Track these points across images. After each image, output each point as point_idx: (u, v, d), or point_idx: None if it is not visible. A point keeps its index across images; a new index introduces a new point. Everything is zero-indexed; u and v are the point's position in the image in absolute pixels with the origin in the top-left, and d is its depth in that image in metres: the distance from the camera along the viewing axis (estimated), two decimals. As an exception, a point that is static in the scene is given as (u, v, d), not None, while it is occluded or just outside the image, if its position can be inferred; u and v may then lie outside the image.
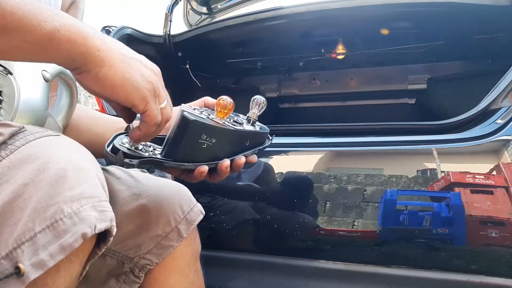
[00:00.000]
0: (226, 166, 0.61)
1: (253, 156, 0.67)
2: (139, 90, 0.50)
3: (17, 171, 0.43)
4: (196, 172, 0.60)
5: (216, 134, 0.60)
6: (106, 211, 0.45)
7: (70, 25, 0.46)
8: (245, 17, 1.63)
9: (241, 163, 0.63)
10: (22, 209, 0.41)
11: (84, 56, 0.47)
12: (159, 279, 0.74)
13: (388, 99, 2.23)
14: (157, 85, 0.52)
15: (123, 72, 0.49)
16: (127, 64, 0.49)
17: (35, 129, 0.48)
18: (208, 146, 0.60)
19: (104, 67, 0.48)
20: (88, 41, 0.47)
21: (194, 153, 0.59)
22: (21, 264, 0.39)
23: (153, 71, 0.53)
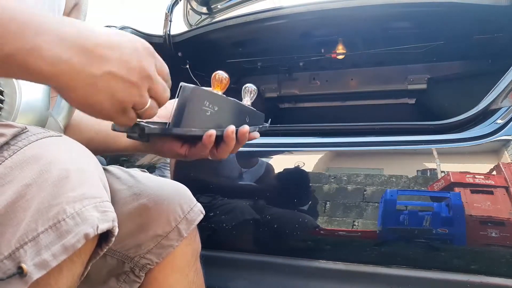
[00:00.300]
0: (232, 131, 0.61)
1: (255, 133, 0.68)
2: (103, 112, 0.48)
3: (20, 172, 0.43)
4: (204, 137, 0.59)
5: (218, 101, 0.62)
6: (108, 211, 0.45)
7: (26, 53, 0.41)
8: (245, 17, 1.63)
9: (245, 131, 0.64)
10: (25, 210, 0.41)
11: (43, 81, 0.45)
12: (159, 278, 0.74)
13: (388, 99, 2.23)
14: (130, 100, 0.48)
15: (85, 97, 0.46)
16: (92, 87, 0.46)
17: (37, 129, 0.48)
18: (212, 114, 0.61)
19: (64, 91, 0.45)
20: (44, 68, 0.43)
21: (200, 120, 0.60)
22: (24, 264, 0.40)
23: (131, 82, 0.48)
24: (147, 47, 0.50)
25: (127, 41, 0.48)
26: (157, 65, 0.51)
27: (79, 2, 0.84)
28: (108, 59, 0.46)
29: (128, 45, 0.48)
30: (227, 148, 0.64)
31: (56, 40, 0.43)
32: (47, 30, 0.43)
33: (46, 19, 0.44)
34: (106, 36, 0.46)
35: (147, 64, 0.49)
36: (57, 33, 0.43)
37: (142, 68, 0.48)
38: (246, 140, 0.65)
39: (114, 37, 0.47)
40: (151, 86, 0.50)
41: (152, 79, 0.50)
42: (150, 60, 0.50)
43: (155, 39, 1.71)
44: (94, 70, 0.45)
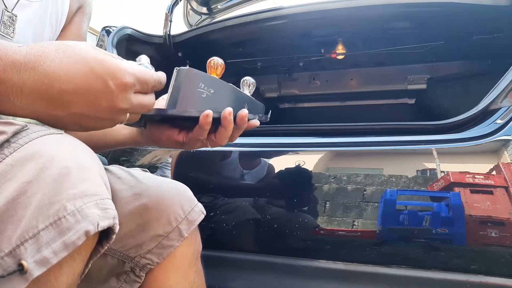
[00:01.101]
0: (229, 113, 0.60)
1: (255, 121, 0.66)
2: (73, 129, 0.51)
3: (21, 169, 0.43)
4: (201, 118, 0.58)
5: (213, 84, 0.60)
6: (109, 208, 0.45)
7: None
8: (245, 17, 1.63)
9: (244, 115, 0.62)
10: (26, 207, 0.41)
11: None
12: (160, 278, 0.74)
13: (388, 99, 2.23)
14: (102, 126, 0.50)
15: (54, 126, 0.49)
16: (58, 122, 0.48)
17: (38, 127, 0.48)
18: (208, 97, 0.59)
19: None
20: (7, 112, 0.45)
21: (195, 102, 0.58)
22: (24, 261, 0.39)
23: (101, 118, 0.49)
24: (120, 83, 0.47)
25: (97, 82, 0.46)
26: (137, 88, 0.50)
27: (83, 5, 0.85)
28: (73, 103, 0.46)
29: (98, 87, 0.46)
30: (226, 133, 0.62)
31: (14, 91, 0.44)
32: (5, 79, 0.44)
33: (6, 65, 0.44)
34: (74, 81, 0.45)
35: (120, 101, 0.48)
36: (16, 82, 0.44)
37: (114, 106, 0.48)
38: (245, 125, 0.64)
39: (82, 81, 0.46)
40: (128, 111, 0.51)
41: (128, 108, 0.50)
42: (124, 95, 0.48)
43: (155, 39, 1.72)
44: (58, 113, 0.47)
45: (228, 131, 0.62)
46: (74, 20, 0.83)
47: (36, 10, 0.71)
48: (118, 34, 1.55)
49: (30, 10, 0.70)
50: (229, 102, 0.63)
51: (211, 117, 0.58)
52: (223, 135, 0.63)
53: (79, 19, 0.84)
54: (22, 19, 0.68)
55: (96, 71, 0.46)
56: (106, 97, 0.47)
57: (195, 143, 0.66)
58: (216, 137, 0.64)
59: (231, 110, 0.60)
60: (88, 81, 0.46)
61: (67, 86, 0.45)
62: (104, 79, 0.47)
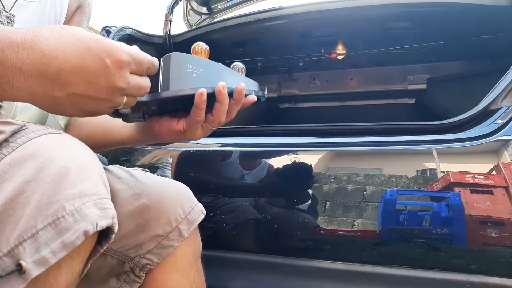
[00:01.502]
0: (223, 86, 0.59)
1: (252, 96, 0.65)
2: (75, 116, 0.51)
3: (19, 169, 0.43)
4: (196, 97, 0.58)
5: (201, 64, 0.60)
6: (108, 208, 0.45)
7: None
8: (245, 17, 1.63)
9: (241, 88, 0.61)
10: (24, 207, 0.41)
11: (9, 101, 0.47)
12: (160, 278, 0.74)
13: (388, 99, 2.23)
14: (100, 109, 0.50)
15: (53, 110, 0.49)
16: (57, 104, 0.48)
17: (36, 127, 0.48)
18: (198, 75, 0.59)
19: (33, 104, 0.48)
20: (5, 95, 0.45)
21: (187, 82, 0.58)
22: (22, 261, 0.39)
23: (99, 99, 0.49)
24: (116, 60, 0.48)
25: (94, 60, 0.46)
26: (133, 68, 0.50)
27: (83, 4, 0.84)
28: (72, 83, 0.46)
29: (95, 65, 0.46)
30: (222, 107, 0.61)
31: (12, 72, 0.44)
32: (4, 60, 0.43)
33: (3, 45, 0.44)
34: (72, 60, 0.45)
35: (117, 79, 0.48)
36: (14, 62, 0.44)
37: (111, 85, 0.48)
38: (243, 99, 0.63)
39: (80, 60, 0.46)
40: (125, 92, 0.51)
41: (125, 88, 0.50)
42: (121, 73, 0.49)
43: (155, 39, 1.72)
44: (57, 93, 0.46)
45: (224, 106, 0.61)
46: (74, 20, 0.83)
47: (34, 10, 0.71)
48: (118, 34, 1.55)
49: (29, 10, 0.70)
50: (221, 78, 0.62)
51: (206, 95, 0.58)
52: (220, 111, 0.62)
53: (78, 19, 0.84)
54: (21, 19, 0.68)
55: (92, 49, 0.46)
56: (104, 75, 0.47)
57: (196, 129, 0.65)
58: (213, 115, 0.63)
59: (224, 84, 0.60)
60: (85, 59, 0.46)
61: (65, 65, 0.45)
62: (101, 56, 0.47)
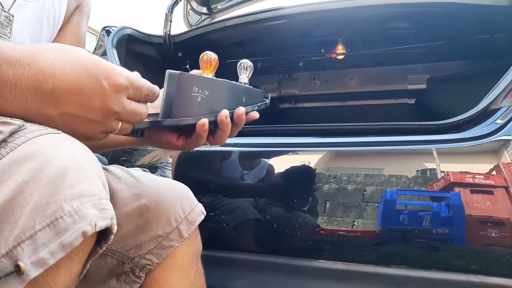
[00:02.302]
0: (225, 116, 0.59)
1: (254, 113, 0.66)
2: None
3: (17, 169, 0.42)
4: (197, 127, 0.58)
5: (207, 85, 0.58)
6: (107, 209, 0.45)
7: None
8: (245, 17, 1.63)
9: (241, 113, 0.62)
10: (22, 207, 0.41)
11: None
12: (160, 279, 0.74)
13: (388, 99, 2.23)
14: (93, 132, 0.49)
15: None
16: (50, 123, 0.47)
17: (35, 127, 0.48)
18: (203, 100, 0.58)
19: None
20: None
21: (191, 107, 0.57)
22: (21, 262, 0.39)
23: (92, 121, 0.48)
24: (113, 83, 0.48)
25: (91, 81, 0.47)
26: (131, 94, 0.50)
27: (82, 4, 0.84)
28: (66, 101, 0.46)
29: (91, 86, 0.46)
30: (224, 134, 0.62)
31: (8, 87, 0.44)
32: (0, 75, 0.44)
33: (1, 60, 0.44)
34: (68, 79, 0.45)
35: (112, 102, 0.48)
36: (10, 77, 0.44)
37: (106, 108, 0.48)
38: (243, 122, 0.64)
39: (76, 80, 0.46)
40: (120, 117, 0.50)
41: (120, 112, 0.49)
42: (117, 97, 0.48)
43: (155, 39, 1.72)
44: (50, 111, 0.46)
45: (226, 132, 0.62)
46: (73, 19, 0.83)
47: (33, 10, 0.71)
48: (118, 34, 1.55)
49: (27, 10, 0.70)
50: (225, 100, 0.62)
51: (207, 125, 0.58)
52: (221, 136, 0.63)
53: (77, 18, 0.84)
54: (20, 19, 0.68)
55: (90, 70, 0.47)
56: (99, 97, 0.47)
57: (195, 146, 0.66)
58: (215, 138, 0.64)
59: (227, 113, 0.59)
60: (81, 79, 0.46)
61: (61, 83, 0.45)
62: (98, 78, 0.47)
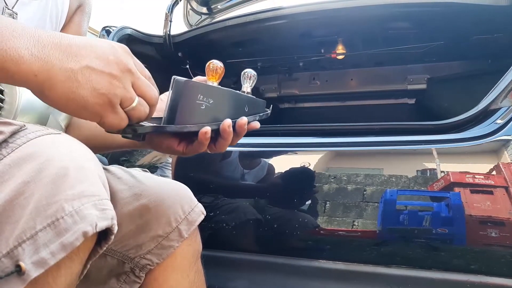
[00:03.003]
0: (228, 125, 0.60)
1: (255, 123, 0.66)
2: (88, 107, 0.47)
3: (18, 169, 0.43)
4: (200, 134, 0.58)
5: (212, 93, 0.59)
6: (107, 209, 0.45)
7: (2, 51, 0.43)
8: (245, 17, 1.63)
9: (243, 123, 0.62)
10: (23, 207, 0.41)
11: (22, 83, 0.45)
12: (160, 279, 0.74)
13: (388, 99, 2.23)
14: (114, 93, 0.48)
15: (66, 92, 0.46)
16: (72, 81, 0.46)
17: (36, 127, 0.48)
18: (207, 108, 0.59)
19: (44, 90, 0.45)
20: (22, 68, 0.44)
21: (194, 115, 0.58)
22: (22, 263, 0.39)
23: (112, 75, 0.48)
24: (124, 46, 0.51)
25: (103, 41, 0.50)
26: (136, 65, 0.51)
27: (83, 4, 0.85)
28: (84, 55, 0.47)
29: (104, 44, 0.49)
30: (225, 142, 0.63)
31: (32, 41, 0.45)
32: (23, 33, 0.45)
33: (21, 25, 0.46)
34: (81, 39, 0.48)
35: (125, 59, 0.50)
36: (32, 35, 0.45)
37: (121, 62, 0.49)
38: (245, 132, 0.64)
39: (89, 40, 0.49)
40: (134, 81, 0.50)
41: (133, 73, 0.50)
42: (128, 57, 0.50)
43: (155, 39, 1.72)
44: (72, 65, 0.46)
45: (227, 141, 0.63)
46: (74, 19, 0.83)
47: (36, 8, 0.72)
48: (118, 34, 1.55)
49: (31, 8, 0.70)
50: (228, 109, 0.62)
51: (210, 133, 0.58)
52: (222, 144, 0.63)
53: (79, 18, 0.84)
54: (23, 17, 0.68)
55: (103, 39, 0.51)
56: (112, 52, 0.49)
57: (195, 152, 0.66)
58: (216, 146, 0.64)
59: (230, 122, 0.60)
60: (95, 40, 0.49)
61: (76, 40, 0.48)
62: (109, 41, 0.50)
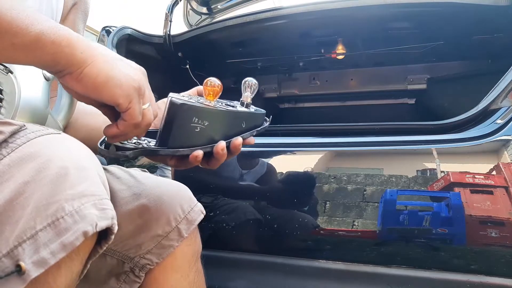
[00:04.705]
0: (222, 148, 0.60)
1: (251, 138, 0.66)
2: (123, 87, 0.50)
3: (18, 169, 0.43)
4: (190, 157, 0.58)
5: (208, 116, 0.59)
6: (107, 209, 0.45)
7: (55, 29, 0.47)
8: (245, 17, 1.63)
9: (238, 143, 0.62)
10: (23, 207, 0.41)
11: (67, 58, 0.47)
12: (160, 279, 0.74)
13: (388, 99, 2.23)
14: (142, 84, 0.52)
15: (106, 70, 0.49)
16: (110, 63, 0.50)
17: (36, 127, 0.48)
18: (202, 130, 0.58)
19: (86, 66, 0.48)
20: (71, 43, 0.47)
21: (188, 138, 0.58)
22: (22, 262, 0.39)
23: (139, 70, 0.54)
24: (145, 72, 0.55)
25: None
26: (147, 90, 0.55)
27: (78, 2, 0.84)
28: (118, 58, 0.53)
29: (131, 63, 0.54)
30: (218, 162, 0.63)
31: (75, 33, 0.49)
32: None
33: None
34: None
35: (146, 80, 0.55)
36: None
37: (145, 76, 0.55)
38: (239, 151, 0.64)
39: None
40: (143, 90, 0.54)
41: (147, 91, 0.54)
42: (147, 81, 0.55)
43: (155, 39, 1.71)
44: (109, 54, 0.51)
45: (221, 161, 0.63)
46: (69, 17, 0.82)
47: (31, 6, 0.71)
48: (118, 34, 1.55)
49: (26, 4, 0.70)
50: (224, 128, 0.62)
51: (201, 157, 0.58)
52: (215, 164, 0.63)
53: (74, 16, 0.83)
54: None
55: None
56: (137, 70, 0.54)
57: (187, 168, 0.65)
58: (209, 164, 0.63)
59: (224, 146, 0.60)
60: None
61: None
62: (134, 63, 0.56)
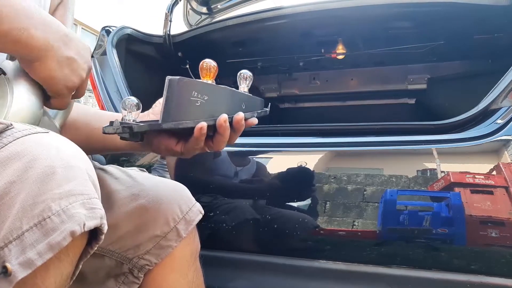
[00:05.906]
0: (224, 120, 0.59)
1: (253, 119, 0.65)
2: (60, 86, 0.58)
3: (4, 169, 0.42)
4: (196, 131, 0.58)
5: (207, 90, 0.59)
6: (96, 208, 0.44)
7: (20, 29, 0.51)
8: (245, 17, 1.63)
9: (240, 118, 0.61)
10: (9, 207, 0.40)
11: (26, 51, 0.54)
12: (158, 279, 0.74)
13: (388, 99, 2.23)
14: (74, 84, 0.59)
15: (51, 70, 0.56)
16: (58, 64, 0.56)
17: (23, 126, 0.47)
18: (202, 104, 0.58)
19: (37, 62, 0.55)
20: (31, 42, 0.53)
21: (189, 112, 0.57)
22: (8, 264, 0.39)
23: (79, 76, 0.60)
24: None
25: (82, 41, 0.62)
26: None
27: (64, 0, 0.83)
28: (72, 48, 0.58)
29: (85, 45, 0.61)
30: (223, 139, 0.62)
31: (42, 25, 0.54)
32: (36, 17, 0.53)
33: (34, 8, 0.54)
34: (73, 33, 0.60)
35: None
36: (43, 19, 0.54)
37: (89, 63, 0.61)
38: (242, 128, 0.63)
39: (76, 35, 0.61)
40: None
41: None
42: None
43: (155, 39, 1.71)
44: (66, 53, 0.57)
45: (225, 137, 0.62)
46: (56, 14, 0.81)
47: None
48: (118, 34, 1.55)
49: None
50: (225, 105, 0.62)
51: (206, 129, 0.58)
52: (220, 140, 0.62)
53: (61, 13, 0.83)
54: None
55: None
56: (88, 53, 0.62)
57: (194, 152, 0.65)
58: (213, 143, 0.63)
59: (226, 117, 0.59)
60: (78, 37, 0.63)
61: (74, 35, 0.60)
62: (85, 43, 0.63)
